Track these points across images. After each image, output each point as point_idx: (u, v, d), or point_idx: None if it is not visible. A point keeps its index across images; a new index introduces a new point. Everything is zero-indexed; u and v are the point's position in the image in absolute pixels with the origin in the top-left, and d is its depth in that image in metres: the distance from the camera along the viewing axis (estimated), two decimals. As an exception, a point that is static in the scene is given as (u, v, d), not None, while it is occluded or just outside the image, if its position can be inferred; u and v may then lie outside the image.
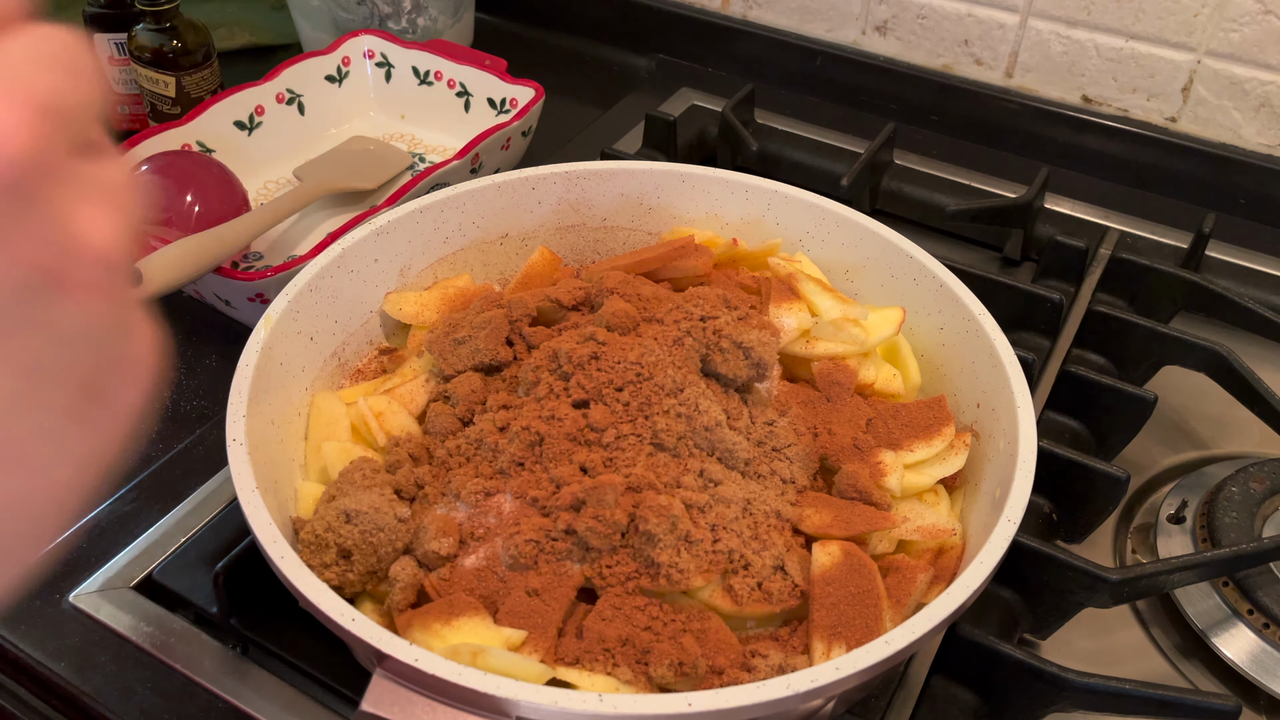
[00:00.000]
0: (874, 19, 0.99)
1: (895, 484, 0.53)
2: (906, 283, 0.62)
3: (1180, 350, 0.70)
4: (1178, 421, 0.73)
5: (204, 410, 0.68)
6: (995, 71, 0.96)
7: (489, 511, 0.49)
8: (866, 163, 0.84)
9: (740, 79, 0.98)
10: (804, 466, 0.53)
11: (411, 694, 0.40)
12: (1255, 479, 0.63)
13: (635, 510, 0.47)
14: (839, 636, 0.46)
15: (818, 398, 0.56)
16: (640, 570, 0.47)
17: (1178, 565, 0.55)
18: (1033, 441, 0.50)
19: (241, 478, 0.46)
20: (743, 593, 0.47)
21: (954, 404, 0.58)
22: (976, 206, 0.82)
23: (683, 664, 0.44)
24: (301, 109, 0.90)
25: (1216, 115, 0.90)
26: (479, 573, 0.48)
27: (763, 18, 1.04)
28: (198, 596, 0.55)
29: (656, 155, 0.88)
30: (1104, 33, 0.90)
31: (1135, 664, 0.59)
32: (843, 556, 0.48)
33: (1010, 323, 0.66)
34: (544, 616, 0.46)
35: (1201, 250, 0.80)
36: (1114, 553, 0.64)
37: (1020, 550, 0.55)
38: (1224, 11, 0.85)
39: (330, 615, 0.41)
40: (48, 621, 0.54)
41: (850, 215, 0.64)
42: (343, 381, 0.61)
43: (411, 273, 0.64)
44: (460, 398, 0.55)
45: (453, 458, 0.52)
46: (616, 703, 0.39)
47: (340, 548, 0.47)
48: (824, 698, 0.43)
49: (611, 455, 0.50)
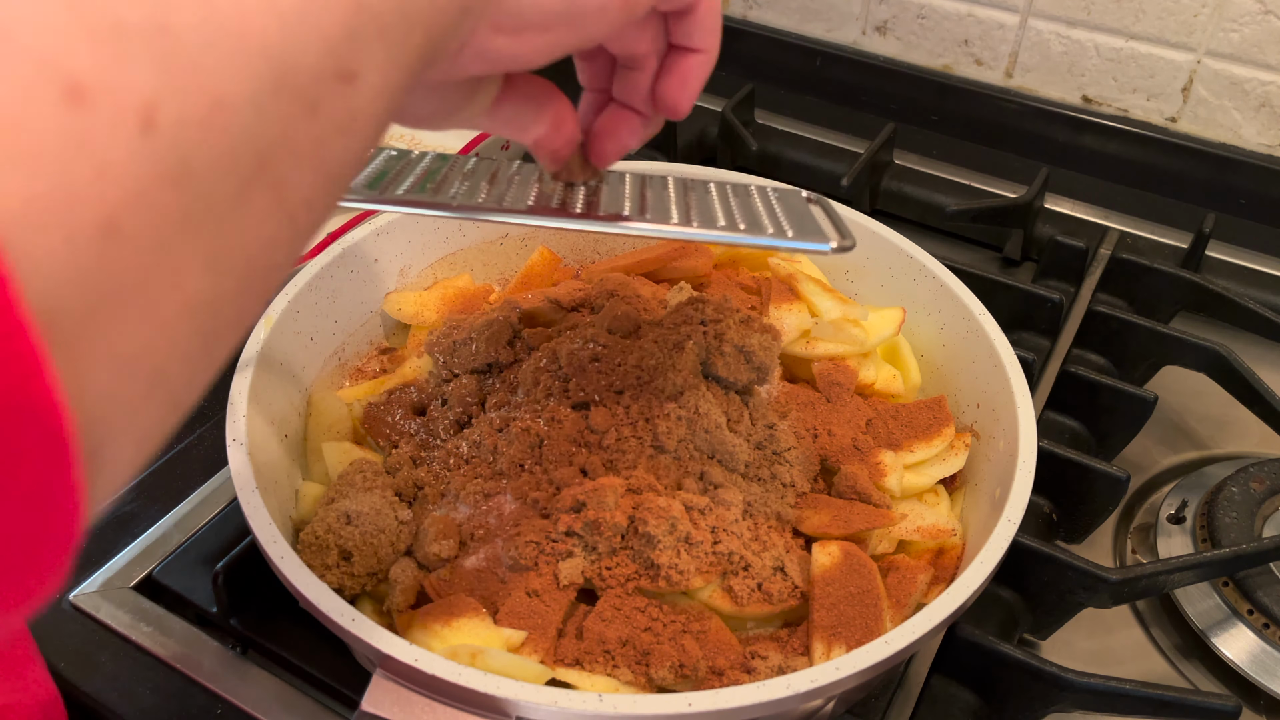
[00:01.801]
0: (874, 19, 0.99)
1: (895, 484, 0.53)
2: (906, 283, 0.62)
3: (1180, 350, 0.70)
4: (1178, 421, 0.73)
5: (204, 410, 0.68)
6: (995, 71, 0.96)
7: (489, 513, 0.49)
8: (866, 163, 0.84)
9: (740, 79, 0.98)
10: (804, 470, 0.53)
11: (411, 694, 0.40)
12: (1255, 479, 0.63)
13: (635, 512, 0.47)
14: (839, 637, 0.46)
15: (818, 398, 0.56)
16: (640, 571, 0.47)
17: (1178, 565, 0.55)
18: (1033, 441, 0.50)
19: (241, 478, 0.46)
20: (743, 594, 0.47)
21: (954, 404, 0.58)
22: (976, 206, 0.82)
23: (683, 665, 0.44)
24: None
25: (1216, 115, 0.90)
26: (479, 574, 0.48)
27: (763, 18, 1.04)
28: (198, 596, 0.55)
29: (656, 155, 0.88)
30: (1104, 33, 0.90)
31: (1135, 664, 0.59)
32: (842, 557, 0.48)
33: (1010, 323, 0.66)
34: (544, 617, 0.46)
35: (1201, 250, 0.80)
36: (1114, 553, 0.64)
37: (1020, 550, 0.55)
38: (1224, 11, 0.85)
39: (330, 615, 0.41)
40: (48, 621, 0.54)
41: (850, 215, 0.64)
42: (343, 381, 0.61)
43: (411, 273, 0.64)
44: (460, 399, 0.55)
45: (452, 459, 0.52)
46: (616, 703, 0.39)
47: (341, 549, 0.47)
48: (824, 698, 0.43)
49: (612, 457, 0.50)
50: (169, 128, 0.20)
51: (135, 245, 0.19)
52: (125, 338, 0.20)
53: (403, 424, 0.55)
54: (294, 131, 0.23)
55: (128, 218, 0.19)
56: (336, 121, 0.24)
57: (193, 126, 0.20)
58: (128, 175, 0.19)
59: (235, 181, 0.21)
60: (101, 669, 0.52)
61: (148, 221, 0.19)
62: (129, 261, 0.19)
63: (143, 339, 0.20)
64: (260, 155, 0.22)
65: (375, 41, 0.25)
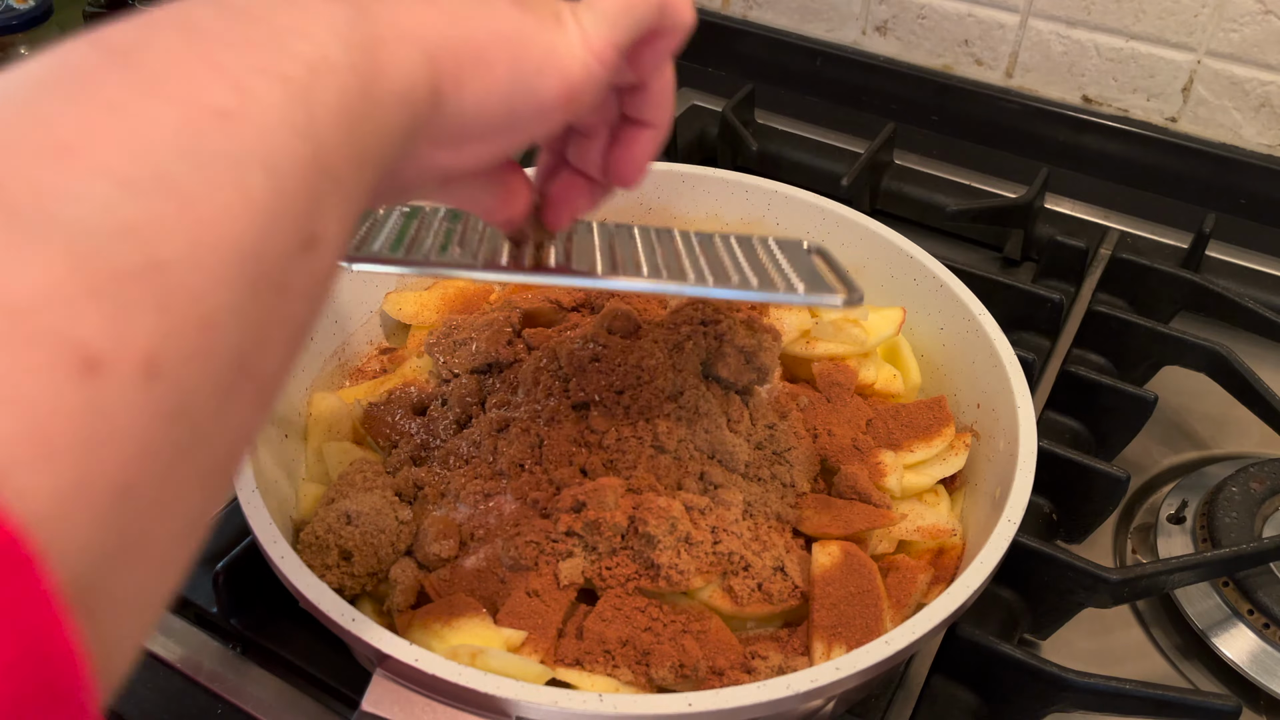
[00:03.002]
0: (874, 19, 0.99)
1: (895, 484, 0.53)
2: (906, 283, 0.62)
3: (1180, 350, 0.70)
4: (1178, 421, 0.73)
5: (204, 410, 0.68)
6: (995, 71, 0.96)
7: (489, 513, 0.49)
8: (866, 163, 0.84)
9: (740, 79, 0.98)
10: (804, 470, 0.53)
11: (411, 694, 0.40)
12: (1255, 479, 0.63)
13: (635, 512, 0.47)
14: (839, 637, 0.46)
15: (818, 398, 0.56)
16: (640, 571, 0.47)
17: (1178, 565, 0.55)
18: (1033, 441, 0.50)
19: (241, 478, 0.46)
20: (743, 594, 0.47)
21: (954, 404, 0.58)
22: (976, 206, 0.82)
23: (683, 665, 0.44)
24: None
25: (1216, 115, 0.90)
26: (479, 574, 0.48)
27: (763, 18, 1.04)
28: (198, 596, 0.55)
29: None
30: (1104, 33, 0.90)
31: (1135, 664, 0.59)
32: (842, 557, 0.48)
33: (1010, 323, 0.66)
34: (544, 617, 0.46)
35: (1201, 250, 0.80)
36: (1114, 553, 0.64)
37: (1020, 550, 0.55)
38: (1224, 11, 0.85)
39: (330, 615, 0.41)
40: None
41: (850, 215, 0.64)
42: (343, 381, 0.61)
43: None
44: (460, 399, 0.55)
45: (452, 459, 0.52)
46: (616, 703, 0.39)
47: (341, 549, 0.47)
48: (824, 698, 0.43)
49: (612, 457, 0.50)
50: (171, 370, 0.20)
51: (145, 497, 0.20)
52: (132, 581, 0.20)
53: (403, 424, 0.55)
54: (268, 320, 0.23)
55: (138, 473, 0.19)
56: (304, 292, 0.24)
57: (189, 360, 0.20)
58: (136, 430, 0.19)
59: (221, 393, 0.21)
60: (101, 669, 0.52)
61: (154, 470, 0.20)
62: (139, 513, 0.20)
63: (145, 577, 0.21)
64: (241, 357, 0.22)
65: (334, 199, 0.25)
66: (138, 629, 0.21)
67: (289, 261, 0.23)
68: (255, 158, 0.22)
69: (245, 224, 0.21)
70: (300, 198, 0.23)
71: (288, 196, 0.23)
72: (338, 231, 0.25)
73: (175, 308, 0.20)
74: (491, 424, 0.52)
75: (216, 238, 0.21)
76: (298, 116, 0.23)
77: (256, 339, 0.22)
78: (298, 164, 0.23)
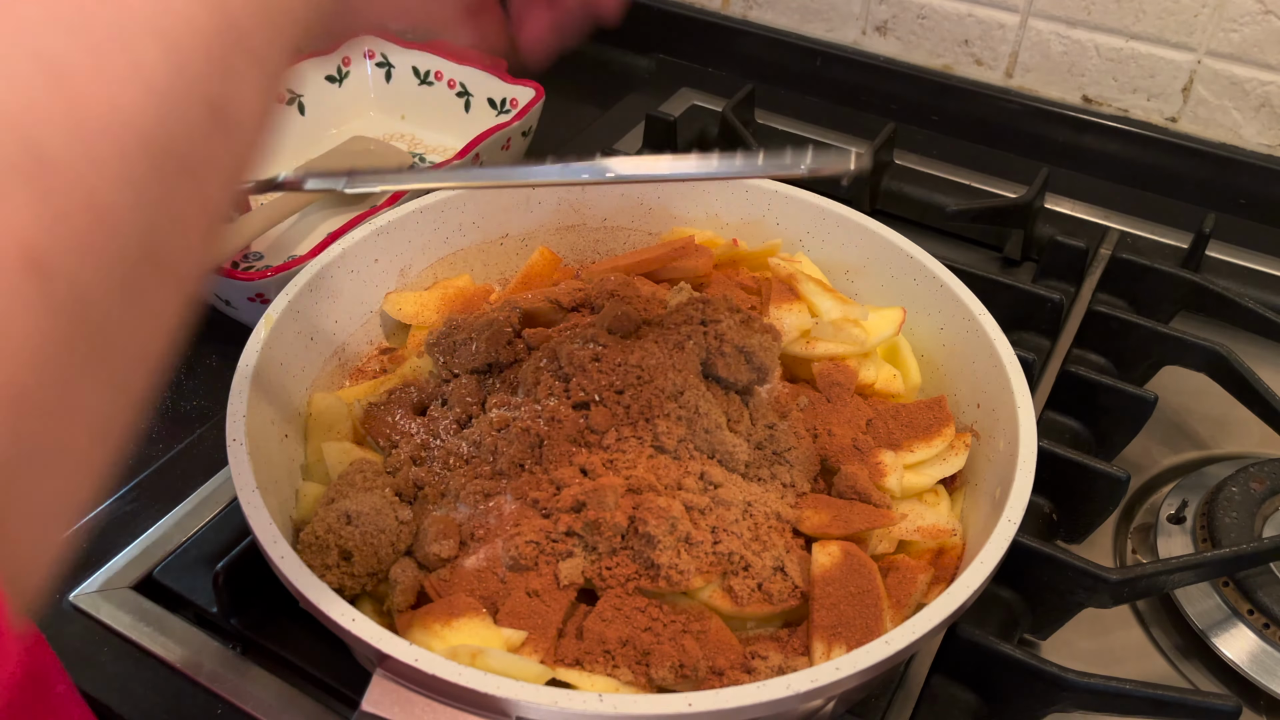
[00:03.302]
0: (874, 19, 0.99)
1: (895, 484, 0.53)
2: (906, 283, 0.62)
3: (1180, 350, 0.70)
4: (1178, 421, 0.73)
5: (204, 410, 0.68)
6: (995, 71, 0.96)
7: (489, 513, 0.49)
8: (866, 163, 0.84)
9: (740, 79, 0.98)
10: (804, 470, 0.53)
11: (411, 694, 0.40)
12: (1255, 479, 0.63)
13: (635, 512, 0.47)
14: (839, 637, 0.46)
15: (818, 398, 0.56)
16: (640, 571, 0.47)
17: (1178, 565, 0.55)
18: (1033, 441, 0.50)
19: (241, 478, 0.46)
20: (743, 593, 0.47)
21: (954, 404, 0.58)
22: (976, 206, 0.82)
23: (683, 665, 0.44)
24: (302, 109, 0.90)
25: (1216, 115, 0.90)
26: (479, 574, 0.48)
27: (763, 18, 1.04)
28: (198, 596, 0.55)
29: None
30: (1104, 33, 0.90)
31: (1135, 664, 0.59)
32: (842, 556, 0.48)
33: (1010, 323, 0.66)
34: (544, 617, 0.46)
35: (1201, 250, 0.80)
36: (1114, 553, 0.64)
37: (1020, 550, 0.55)
38: (1224, 11, 0.85)
39: (330, 615, 0.41)
40: (48, 621, 0.54)
41: (850, 215, 0.64)
42: (343, 381, 0.61)
43: (411, 273, 0.64)
44: (460, 399, 0.55)
45: (452, 459, 0.52)
46: (616, 703, 0.39)
47: (341, 549, 0.47)
48: (824, 698, 0.43)
49: (612, 457, 0.50)
50: (59, 264, 0.18)
51: (44, 404, 0.18)
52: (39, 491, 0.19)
53: (403, 424, 0.55)
54: (178, 204, 0.21)
55: (33, 380, 0.18)
56: (218, 165, 0.22)
57: (81, 252, 0.18)
58: (26, 332, 0.17)
59: (126, 286, 0.20)
60: (101, 669, 0.52)
61: (52, 371, 0.18)
62: (40, 423, 0.18)
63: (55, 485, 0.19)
64: (148, 246, 0.20)
65: (248, 68, 0.22)
66: (49, 538, 0.20)
67: (197, 141, 0.21)
68: (148, 30, 0.20)
69: (140, 103, 0.20)
70: (206, 71, 0.21)
71: (190, 71, 0.21)
72: (255, 102, 0.23)
73: (58, 197, 0.18)
74: (491, 424, 0.52)
75: (104, 120, 0.19)
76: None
77: (167, 225, 0.20)
78: (200, 34, 0.21)
